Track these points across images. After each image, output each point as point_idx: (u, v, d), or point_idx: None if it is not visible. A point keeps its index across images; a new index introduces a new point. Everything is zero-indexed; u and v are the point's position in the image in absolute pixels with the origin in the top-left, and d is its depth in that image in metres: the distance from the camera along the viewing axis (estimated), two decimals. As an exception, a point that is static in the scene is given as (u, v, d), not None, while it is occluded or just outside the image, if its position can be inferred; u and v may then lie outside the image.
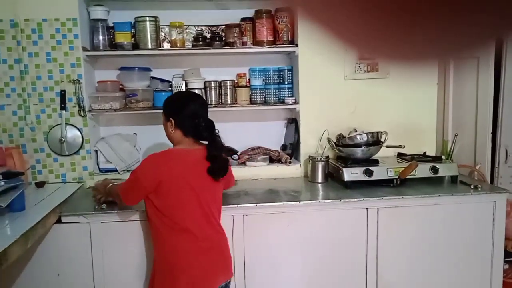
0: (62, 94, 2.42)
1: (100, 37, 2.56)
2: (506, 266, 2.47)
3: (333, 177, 2.52)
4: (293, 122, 2.76)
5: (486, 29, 0.37)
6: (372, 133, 2.45)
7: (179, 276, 1.72)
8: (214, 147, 1.82)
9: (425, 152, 2.64)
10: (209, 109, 2.63)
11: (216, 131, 1.86)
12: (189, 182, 1.75)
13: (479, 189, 2.27)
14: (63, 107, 2.44)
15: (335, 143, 2.55)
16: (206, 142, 1.86)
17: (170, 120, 1.83)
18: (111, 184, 2.05)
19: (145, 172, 1.75)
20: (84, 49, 2.47)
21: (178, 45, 2.60)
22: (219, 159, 1.82)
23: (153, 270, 1.84)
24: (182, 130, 1.82)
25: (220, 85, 2.72)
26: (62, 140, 2.46)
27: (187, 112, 1.82)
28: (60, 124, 2.45)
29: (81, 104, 2.45)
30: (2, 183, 1.90)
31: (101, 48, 2.55)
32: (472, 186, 2.30)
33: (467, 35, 0.39)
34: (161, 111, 2.59)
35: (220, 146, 1.85)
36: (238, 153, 2.75)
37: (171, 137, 1.87)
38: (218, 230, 1.85)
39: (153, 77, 2.70)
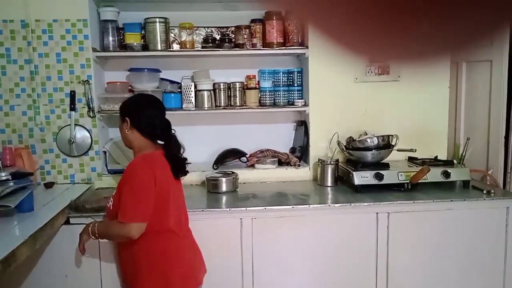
0: (72, 94, 2.43)
1: (110, 38, 2.56)
2: (519, 273, 2.42)
3: (343, 180, 2.49)
4: (302, 125, 2.74)
5: (496, 16, 0.36)
6: (382, 136, 2.42)
7: (171, 275, 1.74)
8: (172, 146, 1.81)
9: (436, 156, 2.60)
10: (218, 111, 2.67)
11: (173, 131, 1.84)
12: (169, 184, 1.76)
13: (492, 195, 2.23)
14: (73, 108, 2.44)
15: (345, 146, 2.52)
16: (161, 143, 1.83)
17: (126, 120, 1.79)
18: (92, 224, 1.79)
19: (148, 176, 1.68)
20: (94, 50, 2.47)
21: (187, 46, 2.60)
22: (179, 158, 1.83)
23: (135, 273, 1.76)
24: (138, 129, 1.78)
25: (229, 87, 2.70)
26: (71, 141, 2.46)
27: (142, 111, 1.80)
28: (69, 125, 2.45)
29: (91, 105, 2.45)
30: (11, 184, 1.90)
31: (111, 49, 2.55)
32: (484, 191, 2.26)
33: (477, 26, 0.37)
34: (168, 112, 2.59)
35: (178, 145, 1.84)
36: (247, 156, 2.73)
37: (127, 139, 1.82)
38: (189, 228, 1.90)
39: (162, 79, 2.69)
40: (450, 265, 2.22)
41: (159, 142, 1.82)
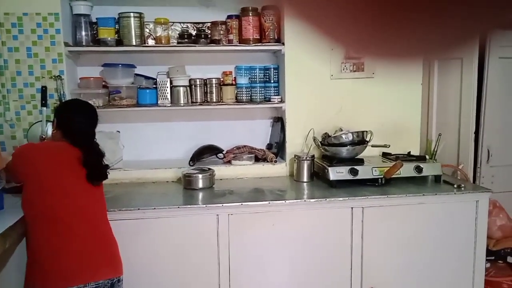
0: (43, 90, 2.36)
1: (83, 33, 2.50)
2: (488, 265, 2.51)
3: (318, 176, 2.52)
4: (279, 121, 2.75)
5: (470, 26, 0.37)
6: (357, 132, 2.46)
7: (48, 268, 1.67)
8: (90, 152, 1.81)
9: (409, 152, 2.66)
10: (194, 107, 2.65)
11: (95, 140, 1.89)
12: (62, 175, 1.75)
13: (462, 189, 2.29)
14: (44, 104, 2.37)
15: (320, 142, 2.55)
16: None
17: (54, 120, 1.88)
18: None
19: (21, 155, 1.77)
20: (66, 44, 2.42)
21: (163, 41, 2.57)
22: (95, 165, 1.82)
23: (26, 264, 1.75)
24: (61, 131, 1.84)
25: (205, 83, 2.69)
26: (43, 137, 2.39)
27: (70, 116, 1.87)
28: (41, 121, 2.39)
29: (63, 101, 2.40)
30: (-21, 182, 1.84)
31: (83, 43, 2.50)
32: (455, 186, 2.33)
33: (452, 33, 0.38)
34: (143, 108, 2.56)
35: (97, 151, 1.85)
36: (224, 152, 2.72)
37: (52, 137, 1.92)
38: (96, 225, 1.81)
39: (137, 74, 2.66)
40: (422, 257, 2.27)
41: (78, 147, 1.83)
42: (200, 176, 2.38)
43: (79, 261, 1.72)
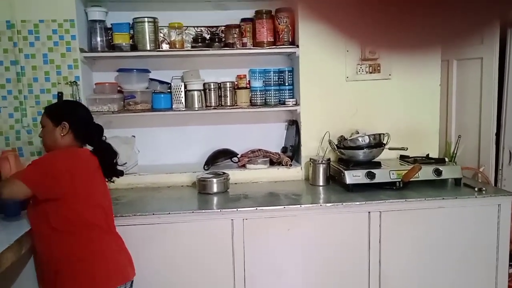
0: (59, 96, 2.39)
1: (98, 39, 2.53)
2: (511, 270, 2.43)
3: (334, 180, 2.48)
4: (293, 124, 2.73)
5: (487, 14, 0.35)
6: (374, 135, 2.42)
7: (95, 271, 1.68)
8: (103, 150, 1.85)
9: (428, 154, 2.60)
10: (209, 111, 2.65)
11: (104, 137, 1.90)
12: (91, 178, 1.77)
13: (484, 192, 2.22)
14: (60, 110, 2.40)
15: (336, 145, 2.51)
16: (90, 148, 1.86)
17: (63, 124, 1.76)
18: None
19: (62, 162, 1.67)
20: (82, 50, 2.44)
21: (177, 46, 2.57)
22: (111, 161, 1.86)
23: (55, 272, 1.68)
24: (75, 133, 1.79)
25: (219, 86, 2.68)
26: (59, 143, 2.42)
27: (81, 115, 1.84)
28: (57, 126, 2.41)
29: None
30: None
31: (99, 49, 2.52)
32: (476, 189, 2.26)
33: (469, 22, 0.36)
34: (158, 113, 2.48)
35: (110, 149, 1.87)
36: (238, 156, 2.71)
37: (58, 143, 1.77)
38: (114, 227, 1.86)
39: (151, 79, 2.67)
40: (442, 262, 2.21)
41: (89, 146, 1.85)
42: (214, 180, 2.36)
43: (116, 261, 1.76)
